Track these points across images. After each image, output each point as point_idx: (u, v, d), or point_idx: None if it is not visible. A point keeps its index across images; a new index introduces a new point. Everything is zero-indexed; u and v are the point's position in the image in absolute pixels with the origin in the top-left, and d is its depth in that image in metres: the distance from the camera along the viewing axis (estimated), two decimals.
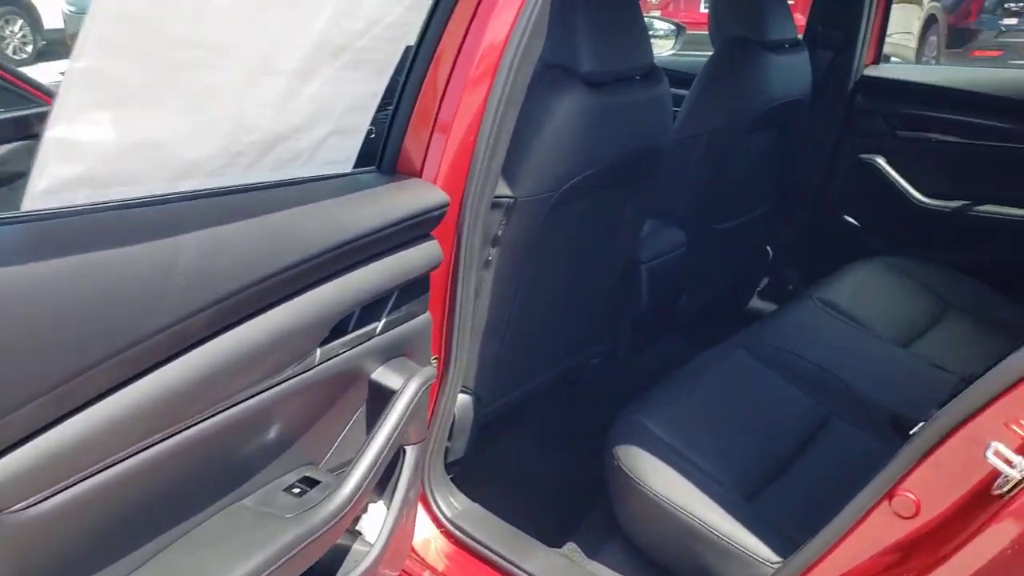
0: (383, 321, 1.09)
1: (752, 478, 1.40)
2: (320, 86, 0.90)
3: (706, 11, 2.32)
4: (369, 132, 1.07)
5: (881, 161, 2.43)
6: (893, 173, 2.42)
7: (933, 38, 7.68)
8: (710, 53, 2.16)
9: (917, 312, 2.06)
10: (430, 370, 1.17)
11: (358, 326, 1.05)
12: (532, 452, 1.96)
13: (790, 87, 2.20)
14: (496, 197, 1.36)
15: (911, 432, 1.00)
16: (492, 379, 1.65)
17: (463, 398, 1.55)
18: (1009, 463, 0.83)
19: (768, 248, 2.61)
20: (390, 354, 1.13)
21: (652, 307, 2.03)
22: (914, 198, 2.39)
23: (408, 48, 1.07)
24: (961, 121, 2.29)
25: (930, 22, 7.74)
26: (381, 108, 1.06)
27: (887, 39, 2.52)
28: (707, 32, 2.21)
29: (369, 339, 1.07)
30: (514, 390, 1.78)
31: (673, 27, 3.32)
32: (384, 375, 1.11)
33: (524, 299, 1.62)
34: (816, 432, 1.58)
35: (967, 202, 2.33)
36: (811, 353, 1.78)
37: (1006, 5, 7.27)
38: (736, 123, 2.07)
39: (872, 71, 2.43)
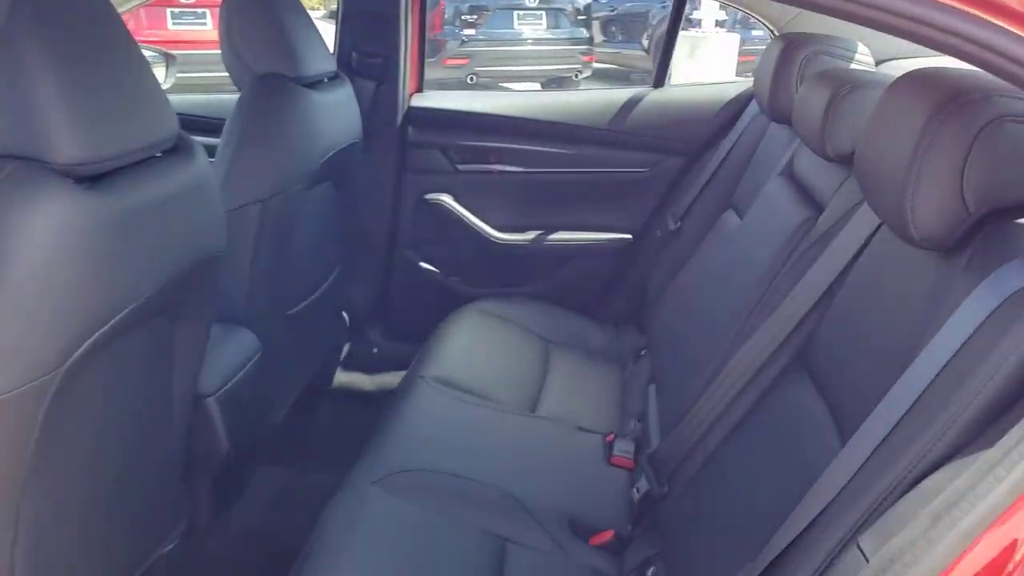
0: None
1: None
2: None
3: (178, 28, 1.76)
4: None
5: (447, 199, 2.20)
6: (461, 210, 2.21)
7: None
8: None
9: (528, 362, 1.89)
10: None
11: None
12: None
13: (342, 130, 1.81)
14: None
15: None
16: None
17: None
18: None
19: (344, 314, 2.21)
20: None
21: (236, 452, 1.48)
22: (488, 235, 2.22)
23: None
24: (516, 149, 2.17)
25: None
26: None
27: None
28: (187, 52, 1.68)
29: None
30: None
31: (159, 55, 2.65)
32: None
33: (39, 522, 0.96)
34: (500, 572, 1.25)
35: (539, 232, 2.23)
36: (450, 462, 1.46)
37: (463, 17, 7.97)
38: (290, 183, 1.61)
39: (419, 100, 2.18)
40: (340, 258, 2.05)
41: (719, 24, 8.69)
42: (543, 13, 8.42)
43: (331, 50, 1.95)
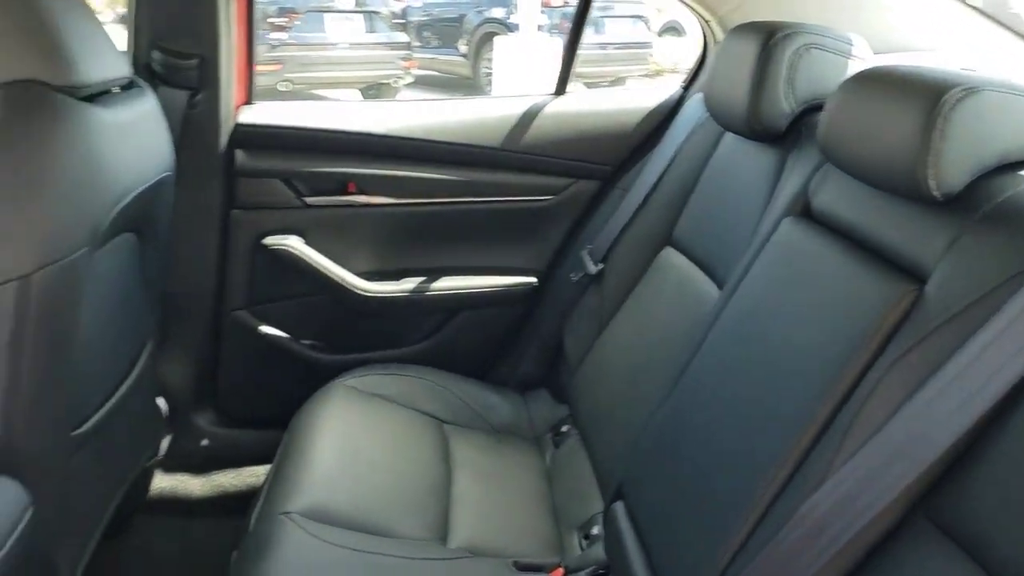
0: None
1: None
2: None
3: None
4: None
5: (294, 242, 1.68)
6: (313, 256, 1.69)
7: None
8: None
9: (423, 460, 1.43)
10: None
11: None
12: None
13: (144, 161, 1.25)
14: None
15: None
16: None
17: None
18: None
19: (160, 400, 1.63)
20: None
21: None
22: (351, 286, 1.72)
23: None
24: (384, 176, 1.69)
25: None
26: None
27: None
28: None
29: None
30: None
31: None
32: None
33: None
34: None
35: (418, 280, 1.76)
36: None
37: (270, 20, 7.25)
38: (66, 247, 1.05)
39: (248, 115, 1.64)
40: (151, 330, 1.48)
41: (540, 29, 8.55)
42: (359, 16, 7.88)
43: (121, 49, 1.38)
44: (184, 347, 1.71)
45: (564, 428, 1.62)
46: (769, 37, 1.18)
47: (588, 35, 2.03)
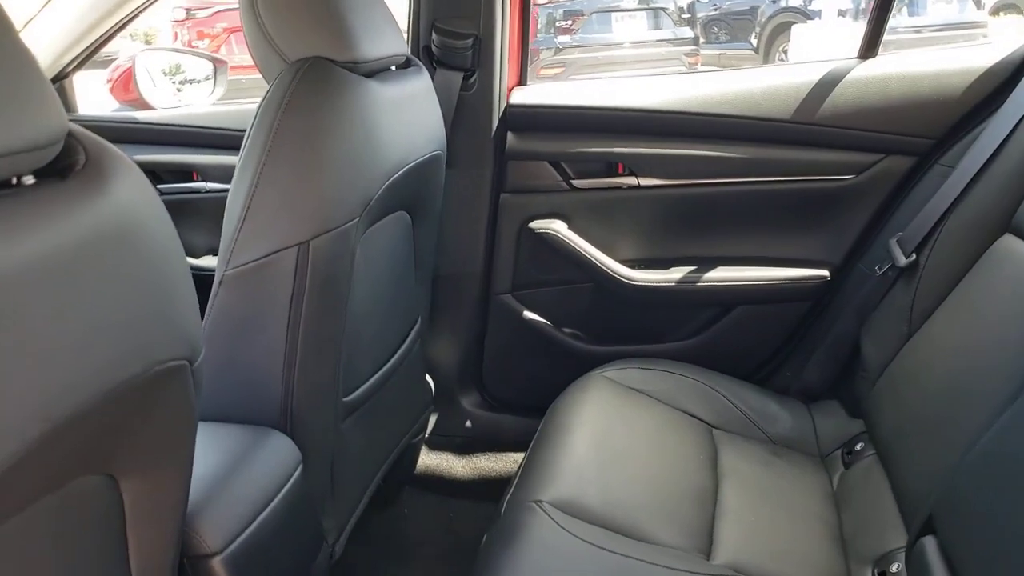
0: None
1: None
2: None
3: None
4: None
5: (560, 227, 1.62)
6: (579, 241, 1.62)
7: None
8: None
9: (687, 466, 1.28)
10: None
11: None
12: None
13: (418, 137, 1.26)
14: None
15: None
16: None
17: None
18: None
19: (428, 378, 1.66)
20: None
21: None
22: (616, 274, 1.62)
23: None
24: (655, 155, 1.57)
25: None
26: None
27: None
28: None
29: None
30: None
31: (208, 61, 2.19)
32: None
33: None
34: None
35: (688, 269, 1.62)
36: None
37: (558, 24, 7.45)
38: (343, 215, 1.07)
39: (520, 97, 1.61)
40: (421, 309, 1.50)
41: (841, 14, 7.86)
42: (643, 14, 7.80)
43: (402, 29, 1.41)
44: (452, 328, 1.73)
45: (858, 446, 1.38)
46: None
47: (900, 17, 1.72)
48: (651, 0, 8.02)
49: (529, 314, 1.70)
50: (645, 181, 1.58)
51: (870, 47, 1.49)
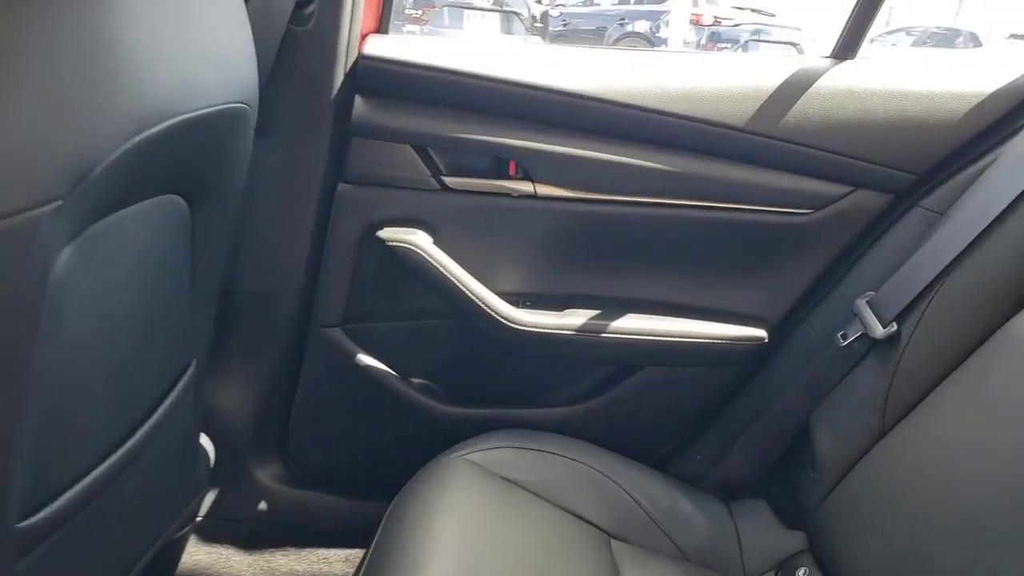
0: None
1: None
2: None
3: None
4: None
5: (421, 241, 1.14)
6: (446, 263, 1.15)
7: None
8: None
9: None
10: None
11: None
12: None
13: (201, 70, 0.74)
14: None
15: None
16: None
17: None
18: None
19: (205, 441, 1.13)
20: None
21: None
22: (496, 312, 1.17)
23: None
24: (561, 155, 1.13)
25: None
26: None
27: None
28: None
29: None
30: None
31: None
32: None
33: None
34: None
35: (591, 314, 1.19)
36: None
37: (407, 12, 6.95)
38: (21, 193, 0.53)
39: (378, 46, 1.12)
40: (198, 345, 0.97)
41: (686, 44, 7.97)
42: (497, 16, 7.49)
43: None
44: (247, 369, 1.21)
45: (800, 572, 1.03)
46: None
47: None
48: (505, 3, 7.74)
49: (365, 357, 1.21)
50: (544, 189, 1.14)
51: (848, 46, 1.14)
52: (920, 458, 0.89)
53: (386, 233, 1.13)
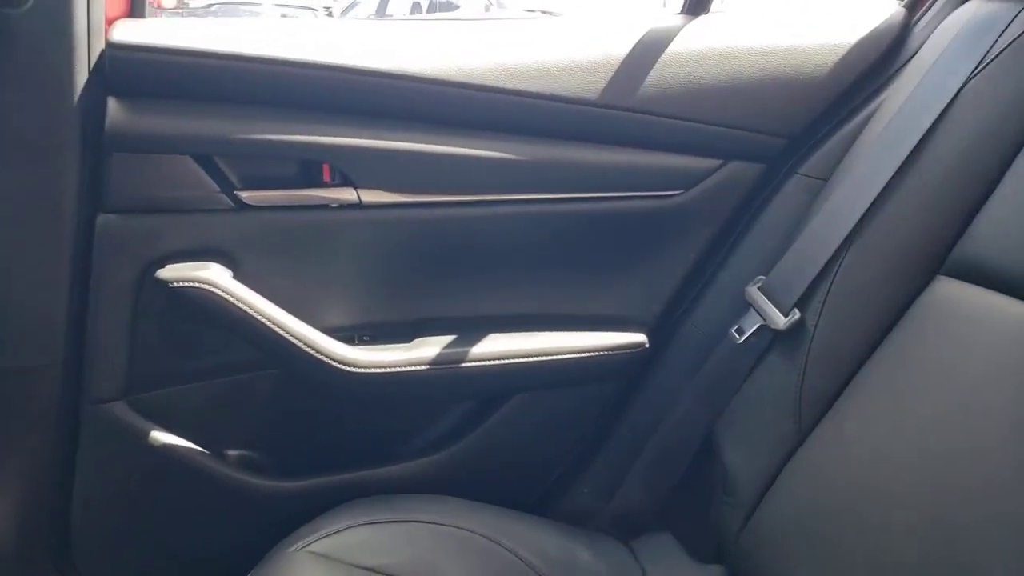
0: None
1: None
2: None
3: None
4: None
5: (218, 276, 0.89)
6: (252, 302, 0.91)
7: None
8: None
9: None
10: None
11: None
12: None
13: None
14: None
15: None
16: None
17: None
18: None
19: None
20: None
21: None
22: (326, 356, 0.94)
23: None
24: (388, 151, 0.93)
25: None
26: None
27: None
28: None
29: None
30: None
31: None
32: None
33: None
34: None
35: (442, 345, 0.99)
36: None
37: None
38: None
39: (132, 32, 0.86)
40: None
41: None
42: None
43: None
44: (6, 471, 0.91)
45: None
46: None
47: None
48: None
49: (160, 434, 0.94)
50: (370, 196, 0.93)
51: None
52: (851, 456, 0.77)
53: (168, 272, 0.87)
